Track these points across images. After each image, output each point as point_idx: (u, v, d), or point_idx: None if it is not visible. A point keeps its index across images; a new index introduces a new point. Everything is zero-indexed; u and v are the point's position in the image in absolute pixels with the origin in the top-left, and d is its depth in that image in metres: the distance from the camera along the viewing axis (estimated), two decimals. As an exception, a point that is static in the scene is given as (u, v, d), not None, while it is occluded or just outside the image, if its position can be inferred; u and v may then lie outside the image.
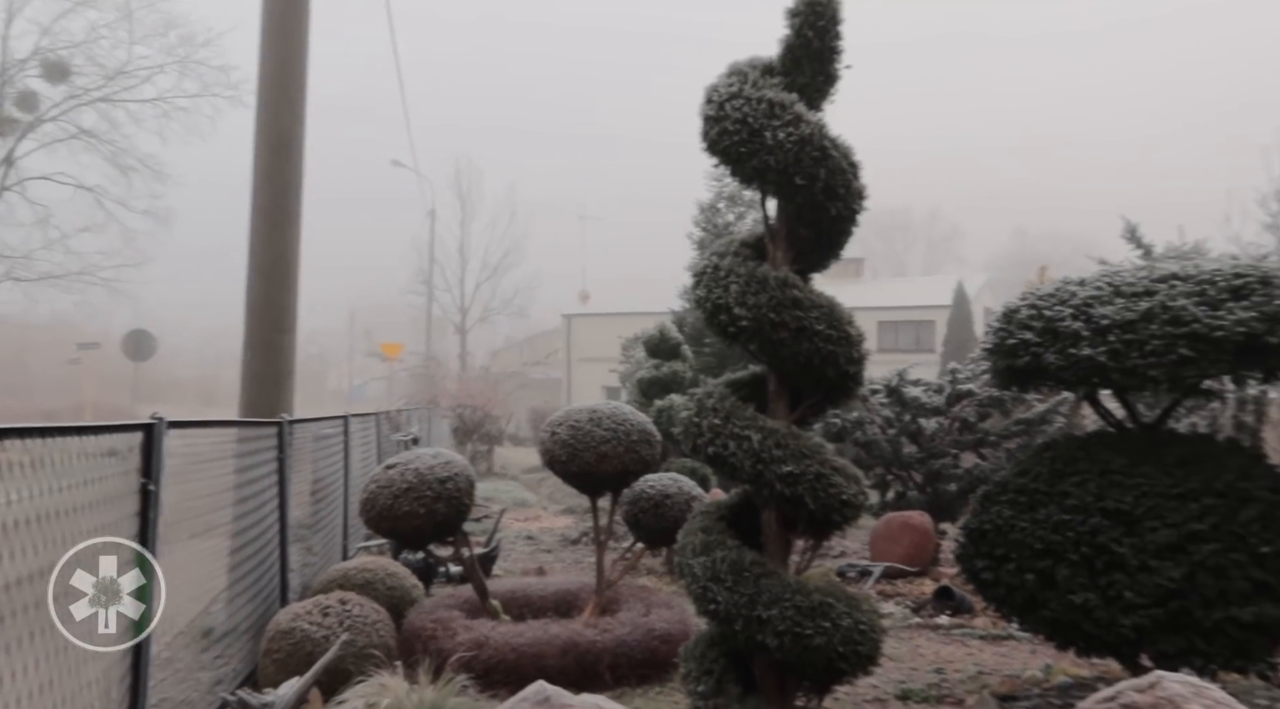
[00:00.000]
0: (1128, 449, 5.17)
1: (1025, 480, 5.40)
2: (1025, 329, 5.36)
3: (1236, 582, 4.54)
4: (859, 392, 6.15)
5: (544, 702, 2.72)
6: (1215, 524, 4.63)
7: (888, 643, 7.53)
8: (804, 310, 4.74)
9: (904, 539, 9.32)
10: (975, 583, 5.57)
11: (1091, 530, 4.93)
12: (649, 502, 7.63)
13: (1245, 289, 4.82)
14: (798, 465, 4.67)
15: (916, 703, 6.06)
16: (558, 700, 2.73)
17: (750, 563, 4.76)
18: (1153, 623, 4.62)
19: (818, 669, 4.77)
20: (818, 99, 5.08)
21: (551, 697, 2.76)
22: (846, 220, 4.98)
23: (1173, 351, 4.75)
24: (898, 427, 10.47)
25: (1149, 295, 4.98)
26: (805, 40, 4.93)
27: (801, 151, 4.67)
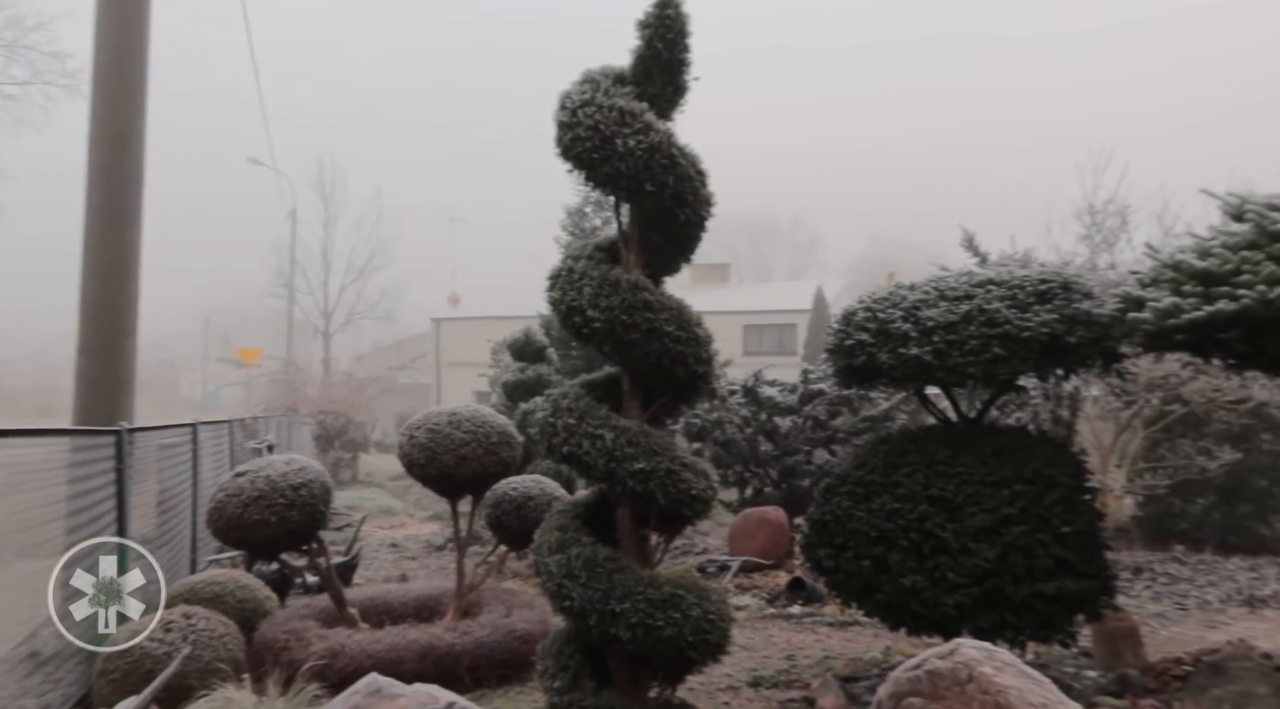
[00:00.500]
0: (951, 442, 5.59)
1: (862, 472, 5.75)
2: (861, 330, 5.71)
3: (1041, 560, 4.99)
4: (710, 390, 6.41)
5: (375, 693, 2.74)
6: (1024, 508, 5.08)
7: (743, 633, 7.93)
8: (654, 312, 4.90)
9: (760, 534, 9.69)
10: (818, 570, 5.89)
11: (919, 517, 5.31)
12: (511, 504, 7.65)
13: (1049, 294, 5.31)
14: (649, 462, 4.82)
15: (767, 688, 6.34)
16: (388, 691, 2.76)
17: (604, 559, 4.88)
18: (971, 601, 5.02)
19: (669, 659, 4.94)
20: (668, 109, 5.27)
21: (383, 688, 2.79)
22: (695, 226, 5.18)
23: (988, 351, 5.18)
24: (754, 425, 10.88)
25: (969, 299, 5.42)
26: (655, 52, 5.11)
27: (651, 159, 4.83)
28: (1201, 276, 4.44)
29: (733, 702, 6.14)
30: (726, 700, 6.15)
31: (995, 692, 2.81)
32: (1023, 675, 2.92)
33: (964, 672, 2.88)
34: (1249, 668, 4.82)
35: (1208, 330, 4.29)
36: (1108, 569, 5.29)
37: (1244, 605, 9.03)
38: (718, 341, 5.24)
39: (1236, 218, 4.73)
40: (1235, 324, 4.19)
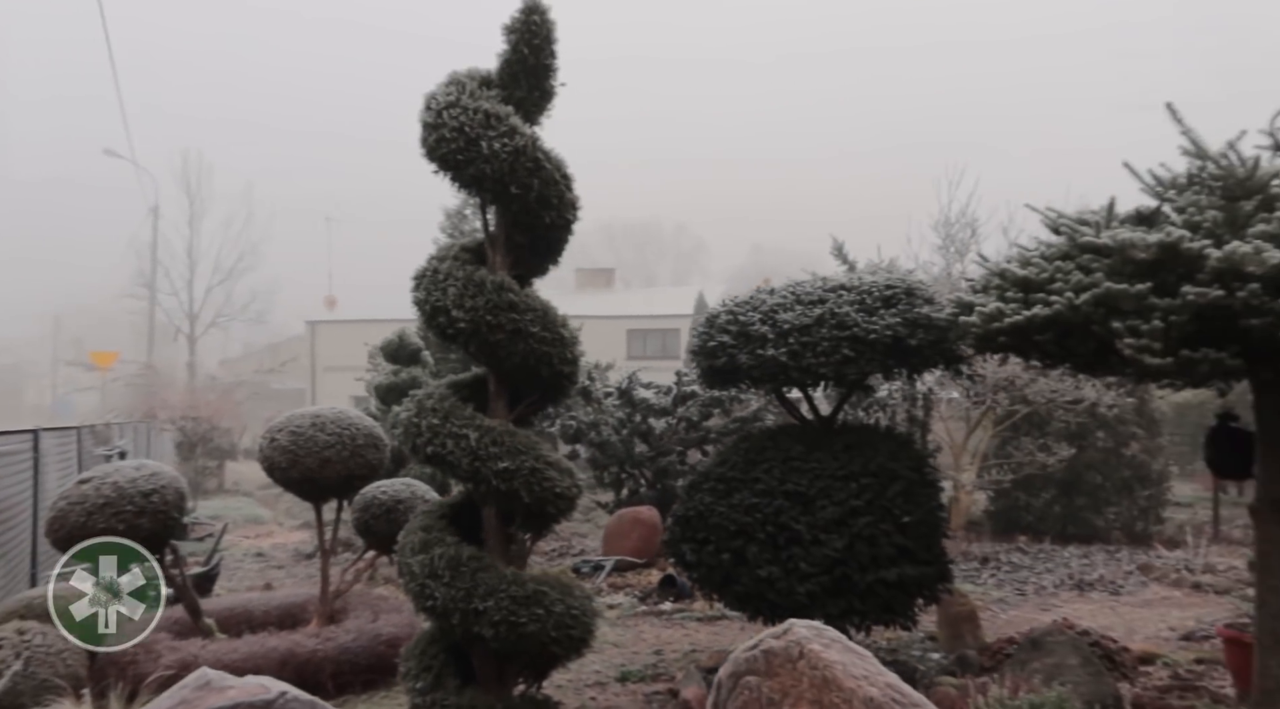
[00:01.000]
0: (806, 439, 5.88)
1: (724, 469, 5.98)
2: (723, 333, 5.94)
3: (885, 548, 5.32)
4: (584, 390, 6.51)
5: (204, 686, 2.71)
6: (870, 500, 5.40)
7: (614, 631, 8.08)
8: (520, 313, 4.97)
9: (633, 533, 9.87)
10: (682, 565, 6.08)
11: (775, 511, 5.56)
12: (380, 507, 7.54)
13: (894, 298, 5.67)
14: (513, 461, 4.88)
15: (634, 682, 6.49)
16: (219, 683, 2.73)
17: (468, 558, 4.91)
18: (821, 589, 5.30)
19: (533, 655, 5.01)
20: (535, 113, 5.35)
21: (212, 680, 2.76)
22: (561, 229, 5.27)
23: (838, 352, 5.49)
24: (630, 427, 11.06)
25: (822, 303, 5.72)
26: (521, 56, 5.18)
27: (516, 162, 4.90)
28: (1022, 284, 4.84)
29: (599, 697, 6.25)
30: (594, 696, 6.26)
31: (823, 666, 3.01)
32: (848, 651, 3.14)
33: (795, 649, 3.07)
34: (1062, 642, 5.28)
35: (1026, 332, 4.68)
36: (945, 556, 5.68)
37: (1075, 589, 9.79)
38: (602, 346, 5.43)
39: (1054, 231, 5.18)
40: (1048, 327, 4.59)
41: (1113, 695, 4.95)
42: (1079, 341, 4.59)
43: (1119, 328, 4.27)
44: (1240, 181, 4.52)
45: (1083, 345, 4.60)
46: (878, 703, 2.95)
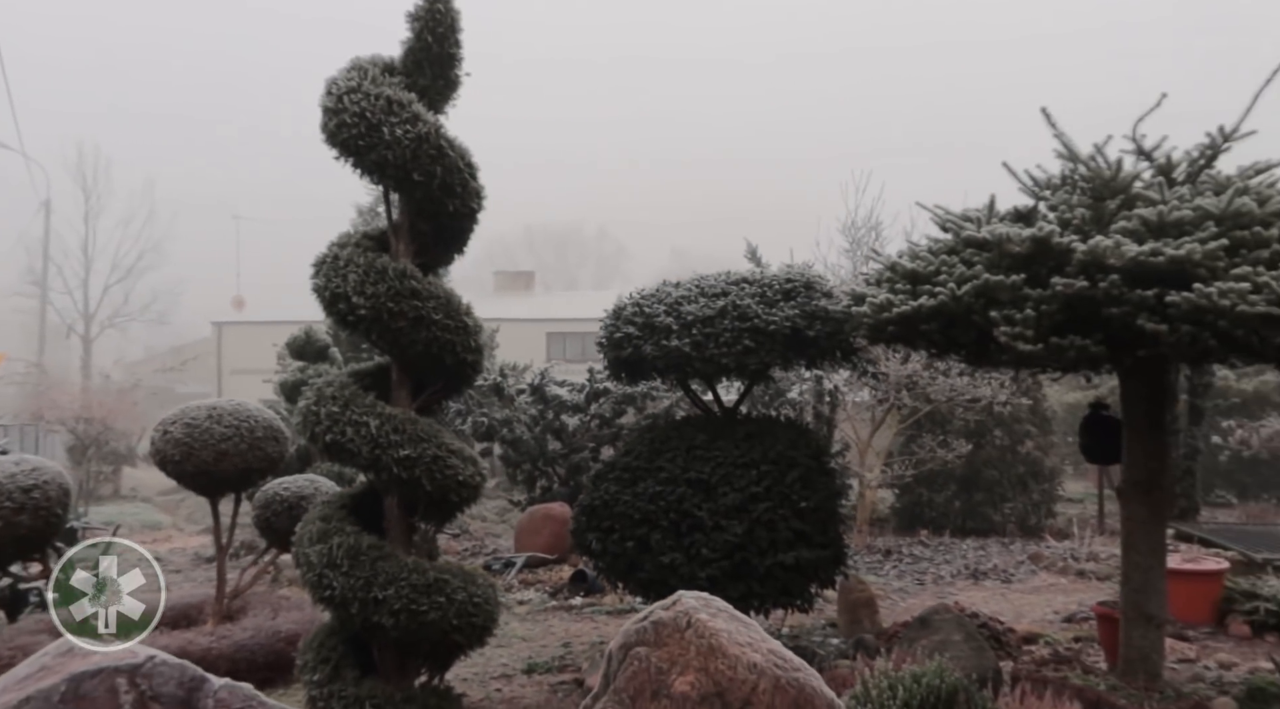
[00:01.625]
0: (709, 428, 6.02)
1: (629, 459, 6.06)
2: (629, 324, 6.03)
3: (783, 533, 5.48)
4: (496, 389, 6.51)
5: (67, 652, 2.64)
6: (769, 487, 5.56)
7: (523, 625, 8.08)
8: (422, 300, 4.95)
9: (545, 530, 9.87)
10: (587, 554, 6.13)
11: (679, 498, 5.67)
12: (283, 504, 7.37)
13: (793, 291, 5.85)
14: (415, 449, 4.86)
15: (540, 673, 6.51)
16: (82, 650, 2.66)
17: (368, 547, 4.86)
18: (722, 573, 5.42)
19: (435, 644, 4.98)
20: (439, 102, 5.35)
21: (75, 647, 2.69)
22: (466, 217, 5.27)
23: (739, 343, 5.63)
24: (542, 424, 11.07)
25: (724, 295, 5.86)
26: (425, 44, 5.18)
27: (419, 149, 4.89)
28: (910, 276, 5.07)
29: (505, 688, 6.25)
30: (499, 687, 6.26)
31: (709, 635, 3.11)
32: (734, 619, 3.25)
33: (684, 620, 3.16)
34: (948, 620, 5.53)
35: (913, 322, 4.90)
36: (841, 541, 5.88)
37: (970, 578, 10.21)
38: (521, 348, 5.46)
39: (942, 228, 5.43)
40: (934, 317, 4.82)
41: (993, 668, 5.21)
42: (962, 331, 4.83)
43: (996, 317, 4.51)
44: (1106, 182, 4.84)
45: (965, 335, 4.84)
46: (760, 668, 3.06)
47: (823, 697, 3.10)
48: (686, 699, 3.07)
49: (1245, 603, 7.55)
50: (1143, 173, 5.01)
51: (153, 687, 2.34)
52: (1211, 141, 4.94)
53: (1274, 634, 7.30)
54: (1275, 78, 4.75)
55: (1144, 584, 5.21)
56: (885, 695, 4.11)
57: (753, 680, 3.04)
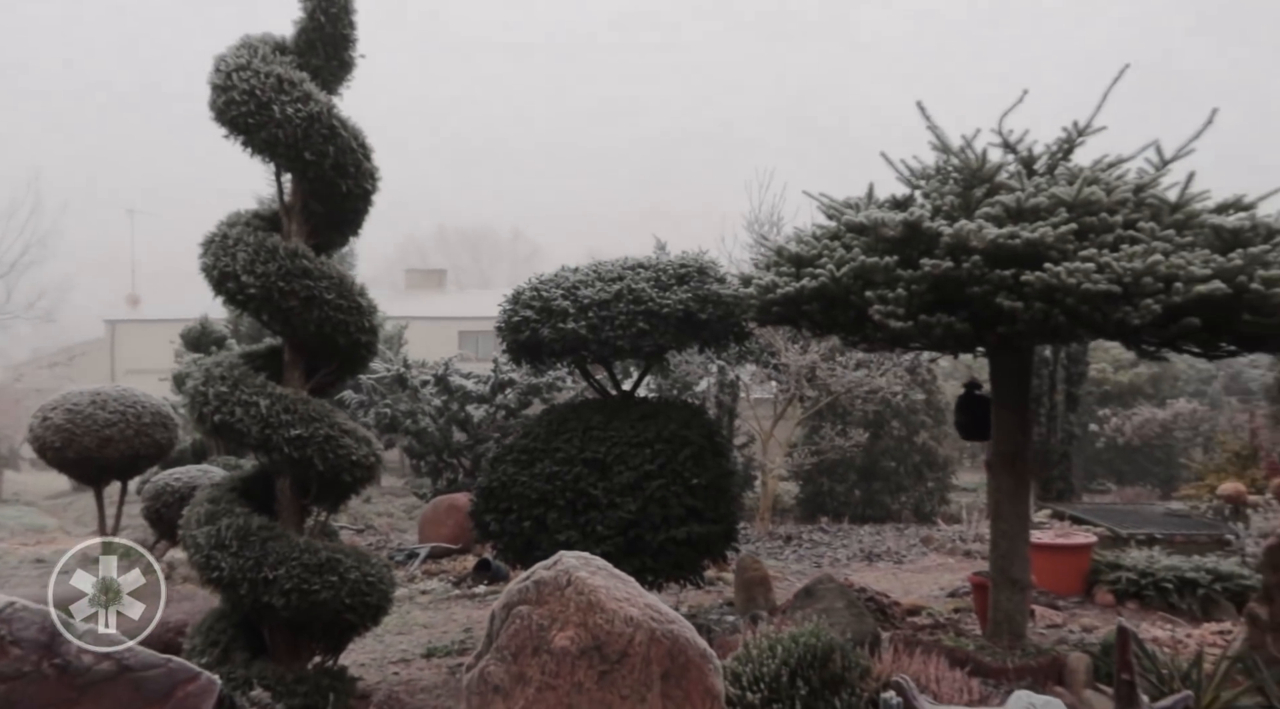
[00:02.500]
0: (605, 409, 6.15)
1: (527, 441, 6.14)
2: (527, 308, 6.11)
3: (675, 509, 5.65)
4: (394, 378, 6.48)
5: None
6: (662, 464, 5.72)
7: (425, 614, 8.06)
8: (314, 280, 4.94)
9: (449, 520, 9.85)
10: (485, 535, 6.18)
11: (575, 478, 5.78)
12: (174, 495, 7.22)
13: (687, 276, 6.03)
14: (307, 429, 4.85)
15: (440, 657, 6.53)
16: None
17: (258, 527, 4.83)
18: (617, 549, 5.55)
19: (326, 624, 4.98)
20: (333, 83, 5.34)
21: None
22: (360, 198, 5.28)
23: (634, 325, 5.78)
24: (447, 415, 11.02)
25: (620, 280, 6.00)
26: (318, 24, 5.17)
27: (311, 128, 4.88)
28: (795, 260, 5.30)
29: (403, 671, 6.25)
30: (397, 670, 6.26)
31: (588, 591, 3.23)
32: (612, 577, 3.38)
33: (564, 578, 3.27)
34: (831, 590, 5.80)
35: (797, 303, 5.13)
36: (733, 517, 6.08)
37: (865, 560, 10.62)
38: (433, 346, 5.46)
39: (827, 215, 5.69)
40: (816, 298, 5.06)
41: (871, 633, 5.48)
42: (841, 311, 5.08)
43: (871, 296, 4.77)
44: (974, 172, 5.16)
45: (844, 314, 5.09)
46: (637, 621, 3.20)
47: (695, 646, 3.25)
48: (566, 653, 3.19)
49: (1110, 573, 8.09)
50: (1008, 164, 5.36)
51: (13, 631, 2.31)
52: (1068, 135, 5.32)
53: (1135, 601, 7.84)
54: (1122, 78, 5.15)
55: (1010, 551, 5.56)
56: (765, 655, 4.31)
57: (629, 633, 3.18)
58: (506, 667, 3.27)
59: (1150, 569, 7.88)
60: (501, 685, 3.25)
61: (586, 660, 3.18)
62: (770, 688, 4.18)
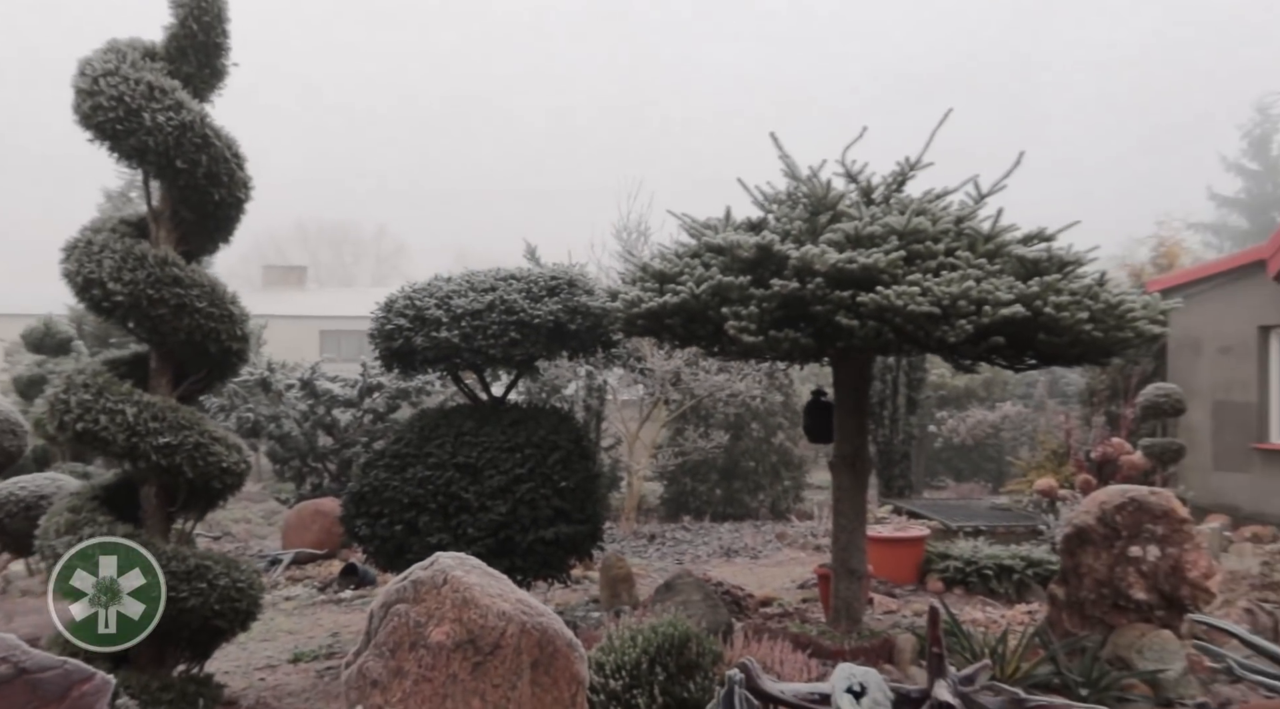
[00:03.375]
0: (477, 415, 6.36)
1: (399, 447, 6.28)
2: (401, 316, 6.25)
3: (544, 510, 5.93)
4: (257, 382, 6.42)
5: None
6: (531, 468, 5.99)
7: (290, 620, 8.02)
8: (185, 288, 4.95)
9: (315, 525, 9.77)
10: (355, 539, 6.28)
11: (446, 482, 5.97)
12: (19, 505, 6.95)
13: (557, 288, 6.32)
14: (175, 436, 4.86)
15: (307, 661, 6.56)
16: None
17: (122, 536, 4.79)
18: (487, 550, 5.78)
19: (195, 630, 4.99)
20: (205, 90, 5.34)
21: None
22: (232, 207, 5.30)
23: (506, 334, 6.02)
24: (312, 419, 10.88)
25: (493, 290, 6.23)
26: (190, 32, 5.17)
27: (183, 137, 4.90)
28: (659, 276, 5.68)
29: (269, 677, 6.26)
30: (263, 676, 6.26)
31: (463, 589, 3.48)
32: (486, 575, 3.63)
33: (440, 577, 3.51)
34: (689, 583, 6.23)
35: (660, 317, 5.51)
36: (599, 518, 6.41)
37: (723, 556, 11.20)
38: (293, 346, 5.49)
39: (689, 234, 6.11)
40: (677, 312, 5.46)
41: (726, 622, 5.94)
42: (700, 325, 5.50)
43: (726, 312, 5.20)
44: (820, 199, 5.69)
45: (703, 328, 5.51)
46: (509, 615, 3.47)
47: (562, 636, 3.55)
48: (442, 647, 3.42)
49: (940, 563, 8.91)
50: (850, 192, 5.93)
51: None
52: (901, 169, 5.93)
53: (961, 587, 8.67)
54: (946, 120, 5.80)
55: (849, 543, 6.14)
56: (626, 645, 4.66)
57: (502, 626, 3.44)
58: (384, 662, 3.47)
59: (974, 558, 8.73)
60: (379, 679, 3.45)
61: (461, 653, 3.42)
62: (631, 675, 4.53)
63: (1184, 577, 5.91)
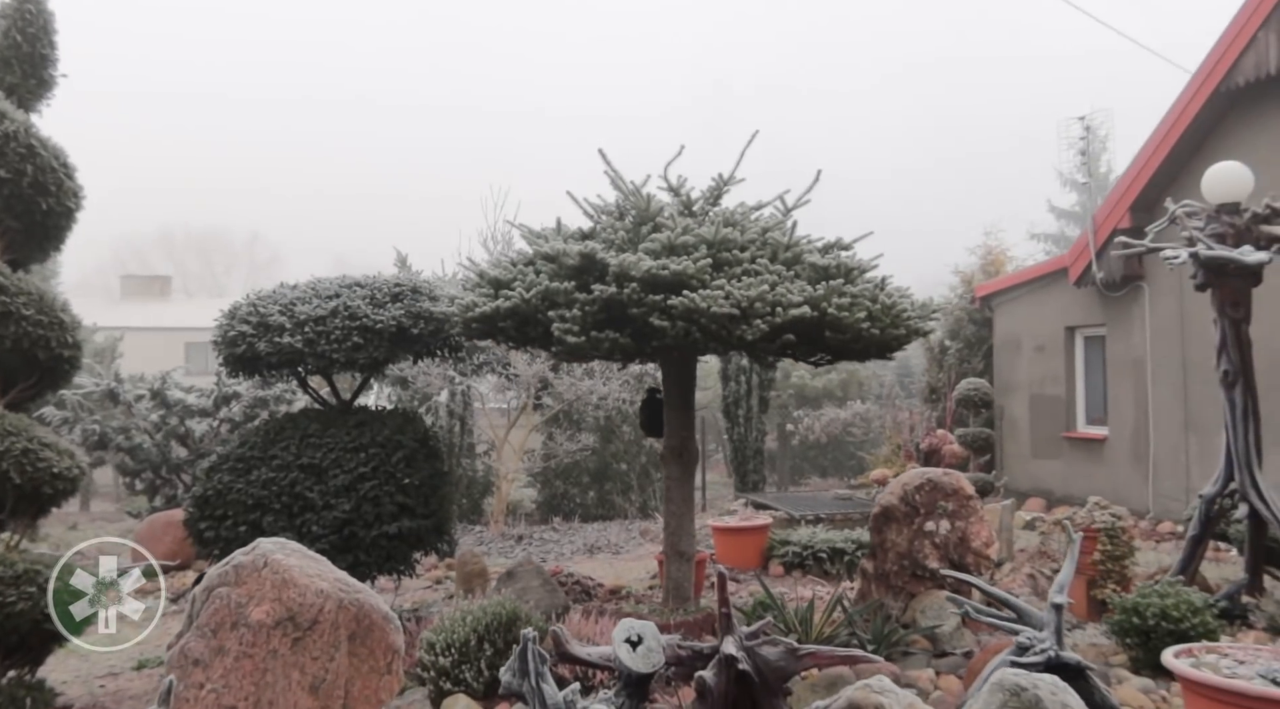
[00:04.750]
0: (323, 418, 6.57)
1: (244, 450, 6.42)
2: (244, 323, 6.40)
3: (387, 506, 6.20)
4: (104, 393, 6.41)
5: None
6: (375, 467, 6.24)
7: (138, 629, 7.94)
8: (10, 296, 5.01)
9: (167, 536, 9.65)
10: (199, 542, 6.38)
11: (291, 482, 6.16)
12: None
13: (401, 294, 6.60)
14: (2, 443, 4.91)
15: (153, 667, 6.59)
16: None
17: (-54, 542, 4.81)
18: (332, 546, 5.99)
19: (24, 635, 5.03)
20: (31, 100, 5.41)
21: None
22: (61, 216, 5.38)
23: (349, 339, 6.26)
24: (165, 430, 10.72)
25: (337, 297, 6.46)
26: (14, 42, 5.24)
27: (6, 147, 4.97)
28: (494, 283, 6.05)
29: (111, 683, 6.28)
30: (104, 683, 6.28)
31: (283, 570, 3.75)
32: (306, 557, 3.91)
33: (261, 560, 3.76)
34: (529, 571, 6.61)
35: (494, 320, 5.88)
36: (444, 513, 6.71)
37: (587, 552, 11.62)
38: (156, 358, 5.54)
39: (528, 243, 6.49)
40: (510, 316, 5.83)
41: (562, 604, 6.34)
42: (531, 327, 5.89)
43: (553, 315, 5.61)
44: (644, 211, 6.17)
45: (534, 330, 5.91)
46: (326, 592, 3.76)
47: (378, 610, 3.86)
48: (262, 625, 3.68)
49: (781, 549, 9.56)
50: (671, 206, 6.44)
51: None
52: (717, 184, 6.49)
53: (799, 570, 9.34)
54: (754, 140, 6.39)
55: (678, 527, 6.64)
56: (457, 624, 4.99)
57: (319, 603, 3.73)
58: (206, 642, 3.70)
59: (811, 543, 9.42)
60: (201, 658, 3.68)
61: (281, 630, 3.69)
62: (460, 652, 4.87)
63: (969, 546, 6.66)
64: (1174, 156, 10.84)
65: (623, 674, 3.57)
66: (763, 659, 4.40)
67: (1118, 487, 11.88)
